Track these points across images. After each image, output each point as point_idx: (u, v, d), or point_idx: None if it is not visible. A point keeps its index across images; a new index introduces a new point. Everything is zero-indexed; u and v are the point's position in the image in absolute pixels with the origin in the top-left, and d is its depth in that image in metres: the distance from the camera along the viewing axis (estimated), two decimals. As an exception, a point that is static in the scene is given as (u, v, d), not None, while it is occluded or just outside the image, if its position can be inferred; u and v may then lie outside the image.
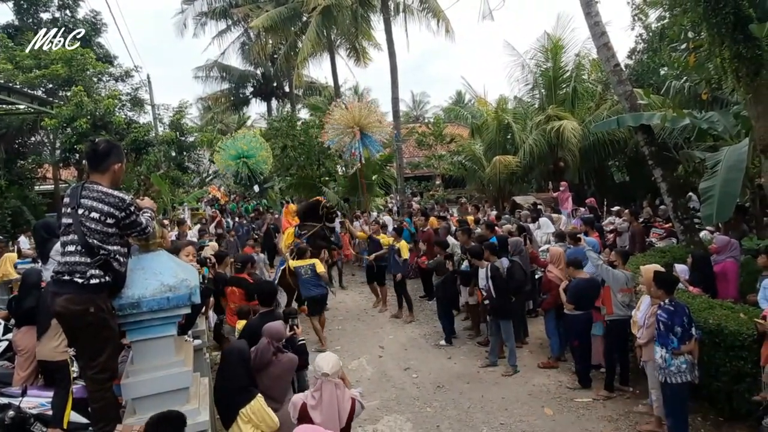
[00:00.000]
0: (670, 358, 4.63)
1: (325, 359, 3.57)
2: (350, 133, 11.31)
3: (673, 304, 4.75)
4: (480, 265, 7.09)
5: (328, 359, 3.58)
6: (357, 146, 11.40)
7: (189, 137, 19.67)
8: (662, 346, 4.71)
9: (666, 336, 4.67)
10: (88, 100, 15.70)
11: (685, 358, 4.63)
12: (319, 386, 3.49)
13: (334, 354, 3.78)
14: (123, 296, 3.07)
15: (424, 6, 19.58)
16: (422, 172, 24.29)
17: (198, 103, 34.22)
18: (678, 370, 4.62)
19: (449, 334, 8.15)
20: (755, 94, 5.58)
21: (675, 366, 4.62)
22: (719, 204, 7.31)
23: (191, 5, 27.90)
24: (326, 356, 3.63)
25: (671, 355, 4.63)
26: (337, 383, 3.54)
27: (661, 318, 4.74)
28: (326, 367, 3.49)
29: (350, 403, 3.58)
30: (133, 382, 3.18)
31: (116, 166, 3.05)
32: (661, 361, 4.71)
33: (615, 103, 14.97)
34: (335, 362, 3.58)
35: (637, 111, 9.24)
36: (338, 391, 3.52)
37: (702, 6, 5.57)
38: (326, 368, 3.49)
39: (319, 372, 3.49)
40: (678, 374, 4.62)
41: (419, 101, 44.94)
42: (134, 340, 3.22)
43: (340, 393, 3.53)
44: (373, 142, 11.64)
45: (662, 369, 4.72)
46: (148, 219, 3.16)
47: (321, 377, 3.49)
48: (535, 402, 5.98)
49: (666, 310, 4.73)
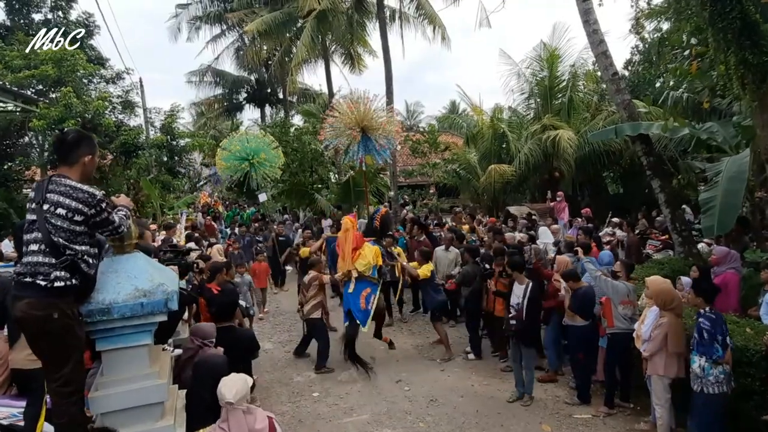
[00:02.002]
0: (710, 368, 4.52)
1: (227, 385, 3.23)
2: (350, 135, 10.15)
3: (713, 313, 4.67)
4: (519, 280, 6.28)
5: (231, 385, 3.24)
6: (358, 150, 10.20)
7: (180, 141, 19.37)
8: (702, 355, 4.60)
9: (710, 345, 4.54)
10: (78, 102, 15.40)
11: (724, 368, 4.52)
12: (226, 416, 3.18)
13: (242, 377, 3.39)
14: (92, 301, 2.82)
15: (420, 12, 19.50)
16: (416, 181, 24.08)
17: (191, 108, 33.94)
18: (716, 380, 4.50)
19: (478, 347, 7.75)
20: (761, 102, 5.43)
21: (713, 376, 4.51)
22: (720, 215, 7.16)
23: (185, 9, 27.72)
24: (230, 382, 3.28)
25: (711, 364, 4.51)
26: (246, 409, 3.23)
27: (704, 326, 4.62)
28: (229, 394, 3.17)
29: (266, 423, 3.27)
30: (103, 395, 2.93)
31: (87, 159, 2.79)
32: (699, 370, 4.59)
33: (610, 114, 14.92)
34: (240, 386, 3.25)
35: (635, 120, 9.12)
36: (248, 417, 3.20)
37: (708, 10, 5.42)
38: (229, 396, 3.16)
39: (222, 401, 3.18)
40: (716, 384, 4.50)
41: (413, 111, 44.94)
42: (104, 350, 2.96)
43: (251, 419, 3.21)
44: (376, 147, 10.30)
45: (699, 378, 4.59)
46: (122, 217, 2.90)
47: (225, 406, 3.18)
48: (532, 418, 5.74)
49: (708, 318, 4.63)
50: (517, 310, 6.10)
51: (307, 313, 7.51)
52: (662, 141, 11.29)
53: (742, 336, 4.85)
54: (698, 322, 4.69)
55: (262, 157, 16.13)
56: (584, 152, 15.52)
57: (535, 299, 6.04)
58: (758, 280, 6.43)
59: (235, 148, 16.20)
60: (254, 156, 16.08)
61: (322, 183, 20.02)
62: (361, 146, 10.25)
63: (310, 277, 7.54)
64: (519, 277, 6.26)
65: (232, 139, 16.76)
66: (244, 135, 17.18)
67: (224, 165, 16.34)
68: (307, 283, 7.54)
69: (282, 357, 8.21)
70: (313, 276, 7.53)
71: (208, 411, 3.43)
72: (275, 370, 7.66)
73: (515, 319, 6.10)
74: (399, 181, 20.53)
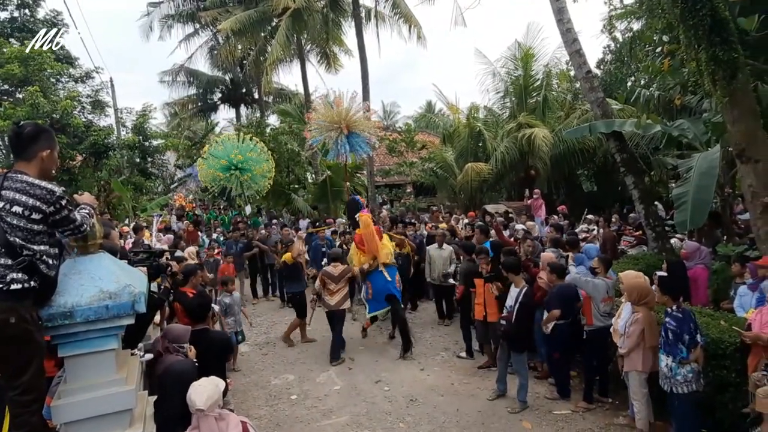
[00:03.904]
0: (677, 368, 4.49)
1: (197, 391, 3.11)
2: (336, 129, 10.20)
3: (680, 311, 4.62)
4: (515, 282, 6.01)
5: (201, 391, 3.12)
6: (343, 145, 10.28)
7: (153, 142, 18.94)
8: (669, 354, 4.57)
9: (675, 345, 4.51)
10: (45, 102, 14.92)
11: (692, 367, 4.49)
12: (197, 424, 3.06)
13: (213, 381, 3.29)
14: (53, 304, 2.64)
15: (396, 11, 19.47)
16: (393, 180, 24.07)
17: (164, 109, 33.18)
18: (685, 380, 4.48)
19: (471, 347, 7.65)
20: (732, 98, 5.52)
21: (681, 375, 4.48)
22: (693, 210, 7.30)
23: (157, 8, 27.08)
24: (199, 388, 3.16)
25: (678, 364, 4.47)
26: (218, 415, 3.12)
27: (669, 326, 4.58)
28: (199, 401, 3.05)
29: (239, 429, 3.17)
30: (66, 403, 2.75)
31: (45, 153, 2.63)
32: (667, 370, 4.56)
33: (584, 113, 15.11)
34: (211, 391, 3.14)
35: (609, 118, 9.23)
36: (220, 423, 3.10)
37: (679, 8, 5.49)
38: (199, 402, 3.05)
39: (193, 408, 3.06)
40: (685, 384, 4.48)
41: (390, 111, 44.81)
42: (67, 355, 2.80)
43: (223, 425, 3.10)
44: (361, 142, 10.47)
45: (668, 379, 4.57)
46: (85, 216, 2.75)
47: (196, 413, 3.06)
48: (512, 415, 5.72)
49: (674, 318, 4.58)
50: (509, 312, 5.89)
51: (336, 304, 7.74)
52: (634, 138, 11.47)
53: (717, 329, 4.89)
54: (665, 321, 4.67)
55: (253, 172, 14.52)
56: (559, 150, 15.69)
57: (526, 304, 5.80)
58: (730, 273, 6.55)
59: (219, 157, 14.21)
60: (242, 167, 14.31)
61: (299, 183, 19.84)
62: (345, 143, 10.33)
63: (343, 270, 7.82)
64: (515, 279, 6.00)
65: (218, 145, 14.78)
66: (231, 141, 14.90)
67: (209, 172, 14.38)
68: (338, 276, 7.75)
69: (259, 360, 8.05)
70: (345, 268, 7.88)
71: (178, 421, 3.29)
72: (252, 373, 7.51)
73: (505, 320, 5.91)
74: (376, 180, 20.48)
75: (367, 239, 8.07)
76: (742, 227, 9.15)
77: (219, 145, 14.70)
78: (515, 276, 6.01)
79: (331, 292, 7.72)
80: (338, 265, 7.84)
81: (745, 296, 5.59)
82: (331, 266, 7.90)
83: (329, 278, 7.74)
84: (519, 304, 5.77)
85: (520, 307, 5.76)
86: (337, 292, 7.75)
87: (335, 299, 7.73)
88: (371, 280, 8.07)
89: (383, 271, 8.06)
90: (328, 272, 7.79)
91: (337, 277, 7.74)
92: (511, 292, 6.01)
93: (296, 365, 7.71)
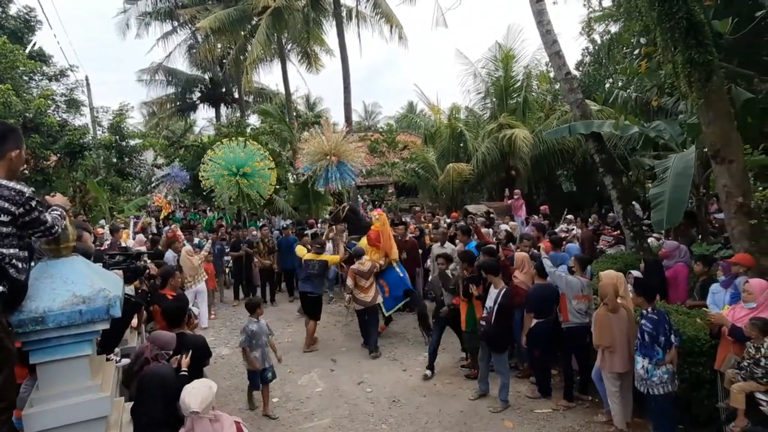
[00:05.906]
0: (653, 369, 4.52)
1: (191, 394, 3.09)
2: (327, 160, 11.05)
3: (656, 313, 4.63)
4: (495, 283, 5.95)
5: (196, 393, 3.10)
6: (333, 174, 11.13)
7: (131, 141, 18.58)
8: (645, 356, 4.59)
9: (651, 347, 4.54)
10: (18, 100, 14.51)
11: (667, 368, 4.52)
12: (191, 426, 3.03)
13: (206, 383, 3.27)
14: (23, 310, 2.56)
15: (377, 11, 19.46)
16: (375, 181, 24.03)
17: (142, 108, 32.70)
18: (660, 381, 4.51)
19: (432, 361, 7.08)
20: (707, 100, 5.61)
21: (657, 377, 4.51)
22: (669, 209, 7.42)
23: (134, 5, 26.58)
24: (193, 390, 3.14)
25: (654, 366, 4.50)
26: (212, 417, 3.10)
27: (645, 328, 4.61)
28: (194, 403, 3.03)
29: (234, 430, 3.15)
30: (38, 412, 2.67)
31: (13, 153, 2.54)
32: (643, 372, 4.58)
33: (564, 114, 15.28)
34: (205, 395, 3.12)
35: (588, 119, 9.35)
36: (215, 425, 3.08)
37: (656, 11, 5.57)
38: (194, 405, 3.03)
39: (187, 410, 3.04)
40: (660, 385, 4.52)
41: (371, 111, 44.84)
42: (39, 362, 2.71)
43: (218, 426, 3.09)
44: (347, 171, 11.40)
45: (644, 380, 4.59)
46: (57, 218, 2.67)
47: (190, 415, 3.03)
48: (494, 415, 5.74)
49: (650, 320, 4.60)
50: (488, 312, 5.85)
51: (372, 300, 7.93)
52: (613, 139, 11.64)
53: (693, 326, 4.98)
54: (641, 323, 4.71)
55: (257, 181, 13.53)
56: (539, 151, 15.85)
57: (504, 305, 5.75)
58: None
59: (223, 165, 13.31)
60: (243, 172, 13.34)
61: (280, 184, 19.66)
62: (336, 171, 11.14)
63: (371, 265, 8.05)
64: (495, 280, 5.95)
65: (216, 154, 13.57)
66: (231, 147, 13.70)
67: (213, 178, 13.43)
68: (368, 272, 7.96)
69: (239, 362, 7.93)
70: (372, 264, 8.10)
71: (159, 426, 3.22)
72: (233, 376, 7.41)
73: (485, 321, 5.88)
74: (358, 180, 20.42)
75: (385, 237, 8.40)
76: (717, 226, 9.35)
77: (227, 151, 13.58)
78: (494, 277, 5.97)
79: (364, 289, 7.91)
80: (363, 261, 8.03)
81: (718, 293, 5.60)
82: (358, 263, 8.02)
83: (360, 275, 7.90)
84: (498, 305, 5.76)
85: (499, 308, 5.74)
86: (370, 287, 7.96)
87: (370, 295, 7.92)
88: (385, 278, 8.32)
89: (396, 267, 8.44)
90: (358, 269, 7.94)
91: (367, 272, 7.95)
92: (490, 293, 5.97)
93: (278, 368, 7.58)
